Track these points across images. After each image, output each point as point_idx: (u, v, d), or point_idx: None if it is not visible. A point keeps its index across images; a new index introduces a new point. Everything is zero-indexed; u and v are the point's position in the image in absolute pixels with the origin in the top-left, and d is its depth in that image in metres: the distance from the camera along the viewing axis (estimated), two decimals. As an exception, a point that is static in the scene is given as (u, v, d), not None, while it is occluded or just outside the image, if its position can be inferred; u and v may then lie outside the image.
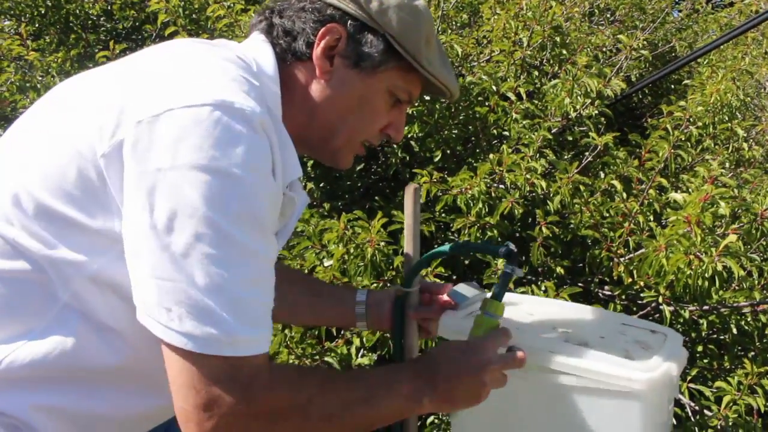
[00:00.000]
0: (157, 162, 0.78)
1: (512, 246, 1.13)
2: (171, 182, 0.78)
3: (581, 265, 2.28)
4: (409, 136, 2.41)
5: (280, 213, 0.97)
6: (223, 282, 0.79)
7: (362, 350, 2.00)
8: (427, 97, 2.44)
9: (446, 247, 1.28)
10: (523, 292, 1.91)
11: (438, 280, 1.93)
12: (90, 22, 3.19)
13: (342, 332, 2.03)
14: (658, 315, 2.14)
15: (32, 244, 0.85)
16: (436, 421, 2.05)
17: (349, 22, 1.01)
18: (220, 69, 0.87)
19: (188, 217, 0.78)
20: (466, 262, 2.25)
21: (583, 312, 1.36)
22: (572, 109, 2.39)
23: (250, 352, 0.82)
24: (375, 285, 1.89)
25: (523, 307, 1.36)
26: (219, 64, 0.88)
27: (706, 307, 2.02)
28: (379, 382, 0.99)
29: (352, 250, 1.87)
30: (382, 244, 1.87)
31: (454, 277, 2.24)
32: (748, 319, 2.05)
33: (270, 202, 0.86)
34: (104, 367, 0.91)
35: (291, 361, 1.93)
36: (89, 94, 0.89)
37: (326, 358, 1.96)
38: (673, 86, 3.63)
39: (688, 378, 1.97)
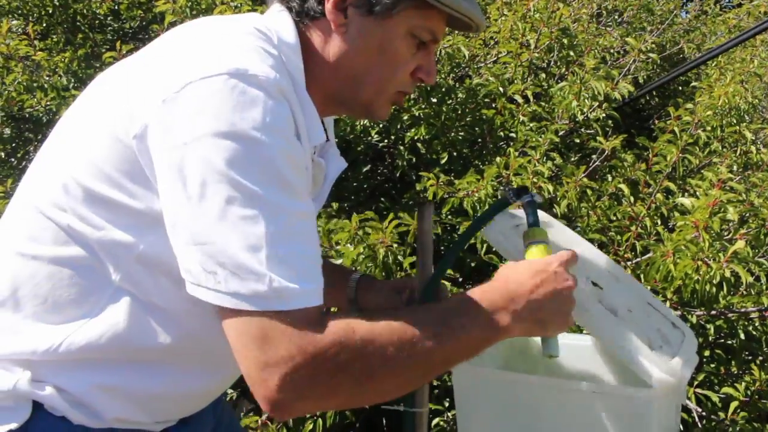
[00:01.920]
0: (182, 136, 0.81)
1: (510, 186, 1.11)
2: (196, 153, 0.80)
3: (588, 268, 2.27)
4: (416, 138, 2.41)
5: (313, 178, 1.00)
6: (260, 240, 0.81)
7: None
8: (434, 99, 2.44)
9: (453, 248, 1.25)
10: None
11: (447, 283, 1.92)
12: (97, 21, 3.19)
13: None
14: (664, 319, 2.13)
15: (84, 228, 0.89)
16: (441, 423, 2.04)
17: None
18: (237, 41, 0.90)
19: (217, 183, 0.80)
20: (473, 264, 2.24)
21: (616, 271, 1.33)
22: (579, 112, 2.39)
23: (300, 305, 0.83)
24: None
25: (562, 241, 1.30)
26: (235, 36, 0.91)
27: (713, 312, 2.01)
28: (455, 314, 0.95)
29: (362, 251, 1.87)
30: (395, 245, 1.86)
31: (460, 279, 2.24)
32: (756, 325, 2.04)
33: (295, 163, 0.87)
34: (157, 347, 0.93)
35: None
36: (121, 80, 0.93)
37: None
38: (680, 88, 3.62)
39: (695, 383, 1.97)
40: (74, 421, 0.92)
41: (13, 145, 2.84)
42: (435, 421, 2.02)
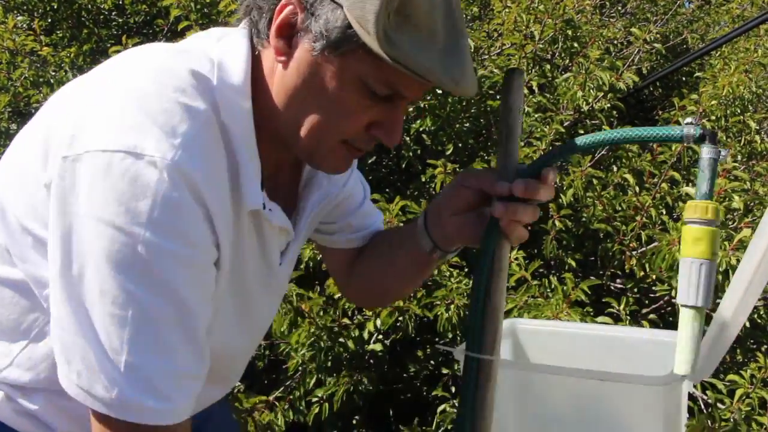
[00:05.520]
0: (73, 205, 0.76)
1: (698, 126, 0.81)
2: (82, 230, 0.75)
3: (593, 258, 2.28)
4: (421, 129, 2.42)
5: (255, 234, 0.93)
6: (122, 345, 0.75)
7: (376, 335, 2.03)
8: (439, 90, 2.44)
9: (600, 136, 0.91)
10: (537, 284, 1.91)
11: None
12: (102, 16, 3.19)
13: (355, 316, 2.06)
14: (670, 308, 2.14)
15: (13, 257, 0.86)
16: (449, 409, 2.05)
17: None
18: (156, 99, 0.78)
19: (95, 271, 0.75)
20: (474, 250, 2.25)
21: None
22: (584, 103, 2.39)
23: (147, 420, 0.77)
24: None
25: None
26: (155, 89, 0.79)
27: (718, 301, 2.01)
28: None
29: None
30: (401, 225, 1.88)
31: (466, 269, 2.25)
32: (761, 313, 2.05)
33: (185, 262, 0.79)
34: None
35: (309, 332, 1.93)
36: (48, 114, 0.86)
37: (341, 339, 1.99)
38: (684, 78, 3.62)
39: (701, 371, 1.98)
40: (20, 430, 0.91)
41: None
42: (442, 407, 2.04)
